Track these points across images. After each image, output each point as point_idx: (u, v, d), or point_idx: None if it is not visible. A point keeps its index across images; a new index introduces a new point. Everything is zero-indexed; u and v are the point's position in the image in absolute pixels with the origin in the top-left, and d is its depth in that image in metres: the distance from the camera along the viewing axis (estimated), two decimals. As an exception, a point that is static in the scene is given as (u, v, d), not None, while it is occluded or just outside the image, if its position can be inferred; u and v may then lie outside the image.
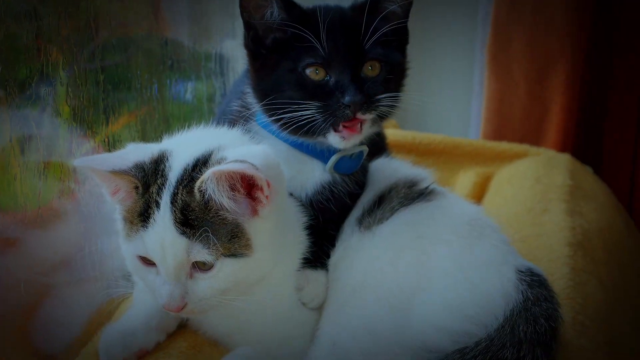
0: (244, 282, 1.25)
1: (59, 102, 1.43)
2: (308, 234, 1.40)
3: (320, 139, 1.39)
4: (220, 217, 1.19)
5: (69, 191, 1.48)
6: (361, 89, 1.34)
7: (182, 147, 1.28)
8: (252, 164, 1.14)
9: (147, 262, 1.23)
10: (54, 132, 1.43)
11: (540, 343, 1.21)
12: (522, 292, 1.27)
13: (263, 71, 1.41)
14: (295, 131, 1.38)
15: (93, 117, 1.56)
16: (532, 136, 2.77)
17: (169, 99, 2.03)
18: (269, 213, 1.22)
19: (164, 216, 1.19)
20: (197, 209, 1.19)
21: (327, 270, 1.42)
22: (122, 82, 1.71)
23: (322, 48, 1.34)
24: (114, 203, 1.29)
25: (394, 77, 1.42)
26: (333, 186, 1.46)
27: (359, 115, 1.35)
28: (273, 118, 1.40)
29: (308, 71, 1.35)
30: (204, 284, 1.21)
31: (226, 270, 1.21)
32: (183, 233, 1.18)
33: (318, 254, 1.41)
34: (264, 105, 1.41)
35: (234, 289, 1.24)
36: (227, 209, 1.19)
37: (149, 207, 1.21)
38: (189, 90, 2.18)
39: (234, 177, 1.17)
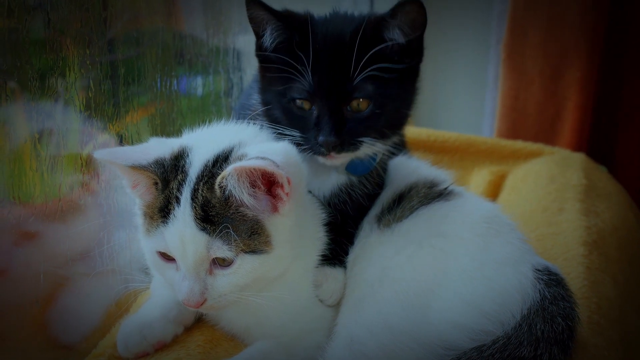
0: (263, 278, 1.26)
1: (76, 95, 1.44)
2: (327, 231, 1.40)
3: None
4: (240, 214, 1.20)
5: (87, 184, 1.48)
6: (339, 130, 1.31)
7: (202, 142, 1.28)
8: (273, 161, 1.14)
9: (167, 257, 1.24)
10: (71, 125, 1.44)
11: (558, 342, 1.21)
12: (539, 290, 1.27)
13: (265, 81, 1.42)
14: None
15: (110, 109, 1.56)
16: (547, 134, 2.76)
17: (185, 93, 2.03)
18: (289, 210, 1.23)
19: (184, 212, 1.19)
20: (217, 205, 1.19)
21: (345, 267, 1.42)
22: (140, 75, 1.72)
23: (308, 81, 1.31)
24: (134, 196, 1.29)
25: (385, 112, 1.35)
26: (350, 189, 1.45)
27: (333, 155, 1.34)
28: (270, 128, 1.40)
29: (296, 100, 1.34)
30: (224, 280, 1.22)
31: (246, 266, 1.21)
32: (203, 229, 1.18)
33: (336, 251, 1.41)
34: (264, 111, 1.42)
35: (253, 285, 1.24)
36: (247, 206, 1.19)
37: (169, 202, 1.21)
38: (205, 84, 2.19)
39: (255, 173, 1.17)
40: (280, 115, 1.38)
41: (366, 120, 1.34)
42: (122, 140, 1.62)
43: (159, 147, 1.27)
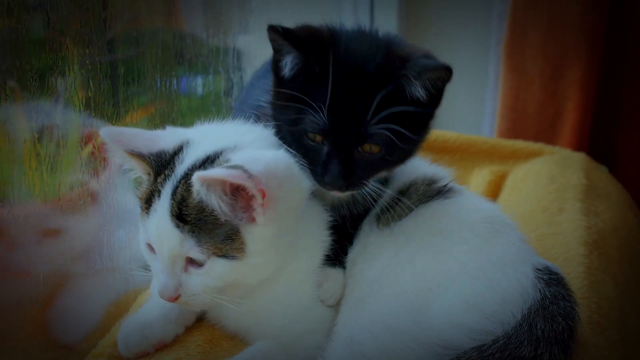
0: (237, 284, 1.24)
1: (75, 95, 1.43)
2: (329, 233, 1.39)
3: None
4: (214, 217, 1.18)
5: (86, 184, 1.48)
6: (347, 173, 1.30)
7: (203, 139, 1.28)
8: (246, 171, 1.12)
9: (153, 249, 1.25)
10: (70, 125, 1.44)
11: (558, 341, 1.20)
12: (539, 290, 1.26)
13: (278, 100, 1.37)
14: None
15: (110, 109, 1.56)
16: (547, 134, 2.76)
17: (185, 93, 2.03)
18: (269, 220, 1.19)
19: (163, 206, 1.20)
20: (192, 205, 1.18)
21: (344, 267, 1.41)
22: (139, 75, 1.72)
23: (323, 118, 1.28)
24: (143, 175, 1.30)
25: (395, 156, 1.35)
26: (352, 205, 1.44)
27: (337, 193, 1.34)
28: (280, 142, 1.37)
29: (308, 133, 1.31)
30: (197, 279, 1.21)
31: (216, 269, 1.20)
32: (177, 226, 1.18)
33: (336, 251, 1.40)
34: (274, 126, 1.39)
35: (229, 289, 1.24)
36: (220, 212, 1.17)
37: (153, 195, 1.22)
38: (205, 84, 2.19)
39: (225, 182, 1.14)
40: (289, 140, 1.35)
41: (375, 163, 1.33)
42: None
43: (169, 138, 1.28)
